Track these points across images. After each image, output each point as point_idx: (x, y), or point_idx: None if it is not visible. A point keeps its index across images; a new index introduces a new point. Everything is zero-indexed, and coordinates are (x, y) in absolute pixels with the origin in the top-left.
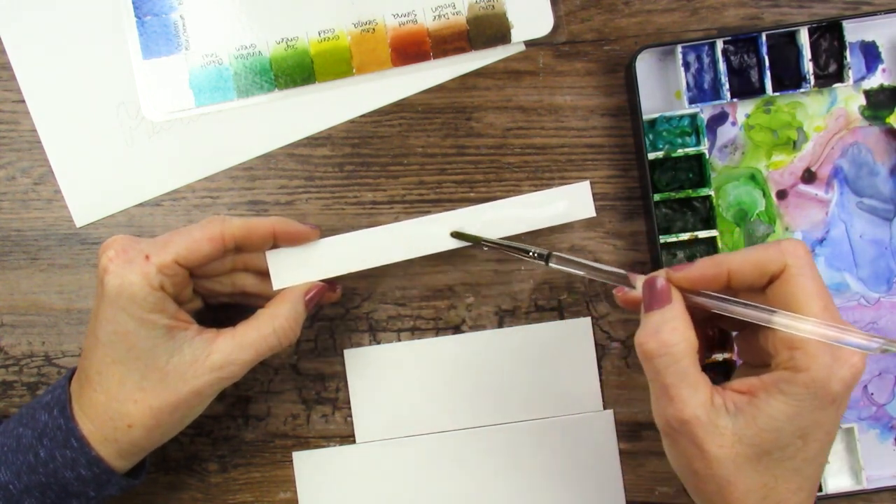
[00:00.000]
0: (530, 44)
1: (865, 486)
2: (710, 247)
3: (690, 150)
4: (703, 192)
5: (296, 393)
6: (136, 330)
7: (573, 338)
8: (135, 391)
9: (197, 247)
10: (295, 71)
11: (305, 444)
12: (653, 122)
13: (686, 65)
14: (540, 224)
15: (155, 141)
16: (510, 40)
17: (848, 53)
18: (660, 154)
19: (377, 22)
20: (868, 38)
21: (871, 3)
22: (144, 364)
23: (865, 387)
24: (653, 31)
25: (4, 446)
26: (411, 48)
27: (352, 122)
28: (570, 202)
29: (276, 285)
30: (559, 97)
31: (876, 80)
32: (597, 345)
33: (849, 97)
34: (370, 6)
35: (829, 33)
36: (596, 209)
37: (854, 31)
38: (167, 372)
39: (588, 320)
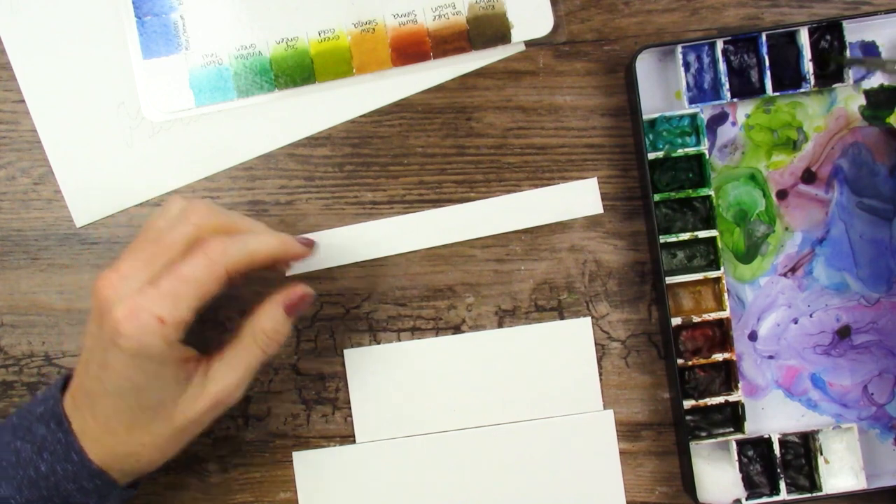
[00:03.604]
0: (530, 44)
1: (865, 485)
2: (710, 246)
3: (690, 150)
4: (703, 192)
5: (296, 393)
6: (150, 383)
7: (573, 338)
8: (143, 435)
9: (207, 292)
10: (295, 71)
11: (305, 444)
12: (653, 122)
13: (686, 65)
14: (547, 219)
15: (155, 141)
16: (510, 40)
17: (848, 53)
18: (660, 154)
19: (377, 22)
20: (868, 38)
21: (871, 3)
22: (153, 412)
23: (865, 387)
24: (653, 31)
25: (3, 461)
26: (411, 48)
27: (352, 122)
28: (577, 198)
29: (288, 271)
30: (559, 97)
31: (876, 80)
32: (597, 345)
33: (849, 97)
34: (370, 6)
35: (829, 33)
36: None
37: (854, 31)
38: (174, 413)
39: (588, 320)
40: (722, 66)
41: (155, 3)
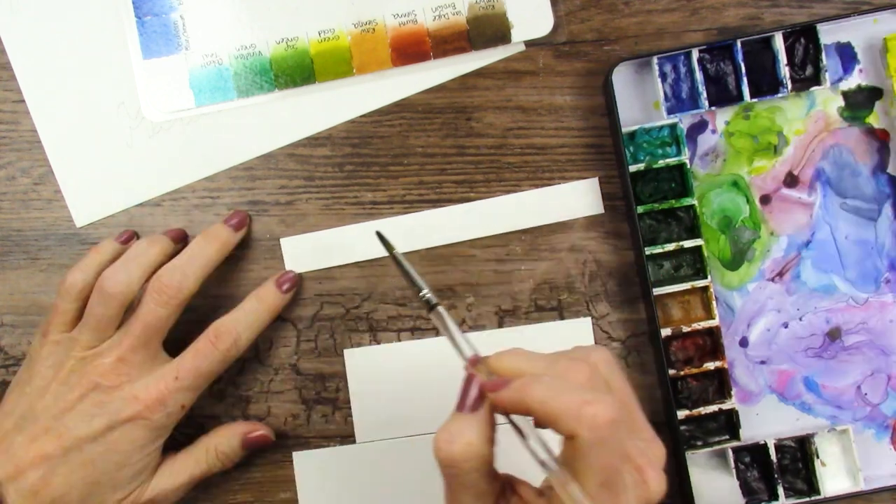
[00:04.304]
0: (530, 44)
1: (863, 487)
2: (696, 256)
3: (671, 161)
4: (686, 201)
5: (296, 393)
6: (132, 453)
7: (573, 338)
8: None
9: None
10: (295, 71)
11: (305, 444)
12: (632, 135)
13: (663, 75)
14: (548, 219)
15: (155, 141)
16: (510, 40)
17: (824, 56)
18: (641, 166)
19: (377, 22)
20: (843, 40)
21: (870, 2)
22: (112, 490)
23: (859, 387)
24: (653, 31)
25: None
26: (411, 48)
27: (352, 122)
28: (578, 198)
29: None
30: (559, 97)
31: (853, 81)
32: (597, 344)
33: (827, 99)
34: (370, 6)
35: (804, 37)
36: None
37: (829, 33)
38: (118, 496)
39: (588, 320)
40: (699, 76)
41: (155, 3)
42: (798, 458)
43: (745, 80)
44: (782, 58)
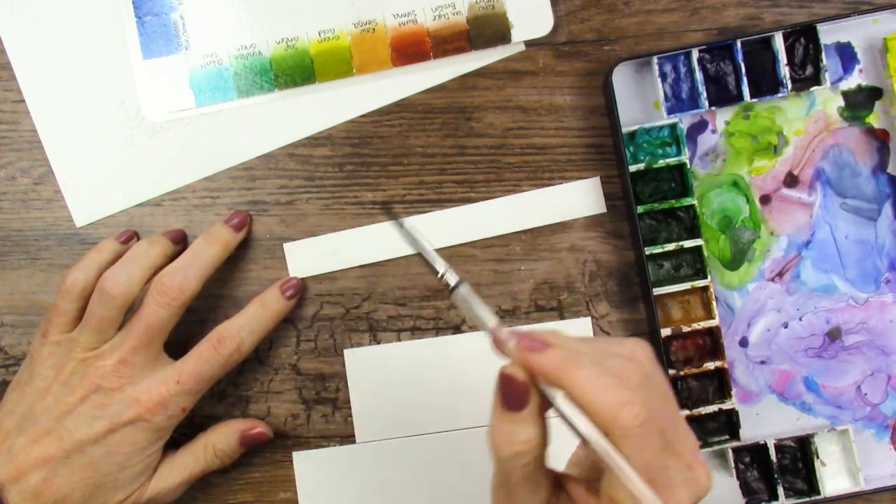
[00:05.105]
0: (530, 44)
1: (863, 486)
2: (696, 256)
3: (672, 161)
4: (686, 201)
5: (296, 393)
6: (133, 455)
7: None
8: None
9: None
10: (295, 71)
11: (305, 444)
12: (632, 135)
13: (663, 75)
14: (548, 219)
15: (155, 141)
16: (510, 40)
17: (824, 56)
18: (641, 166)
19: (377, 22)
20: (843, 40)
21: (871, 2)
22: (113, 491)
23: (859, 387)
24: (653, 31)
25: None
26: (411, 48)
27: (352, 122)
28: (579, 198)
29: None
30: (559, 97)
31: (853, 81)
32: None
33: (827, 99)
34: (370, 6)
35: (804, 37)
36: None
37: (829, 33)
38: (119, 497)
39: (588, 320)
40: (699, 76)
41: (155, 3)
42: (798, 458)
43: (745, 80)
44: (782, 58)
